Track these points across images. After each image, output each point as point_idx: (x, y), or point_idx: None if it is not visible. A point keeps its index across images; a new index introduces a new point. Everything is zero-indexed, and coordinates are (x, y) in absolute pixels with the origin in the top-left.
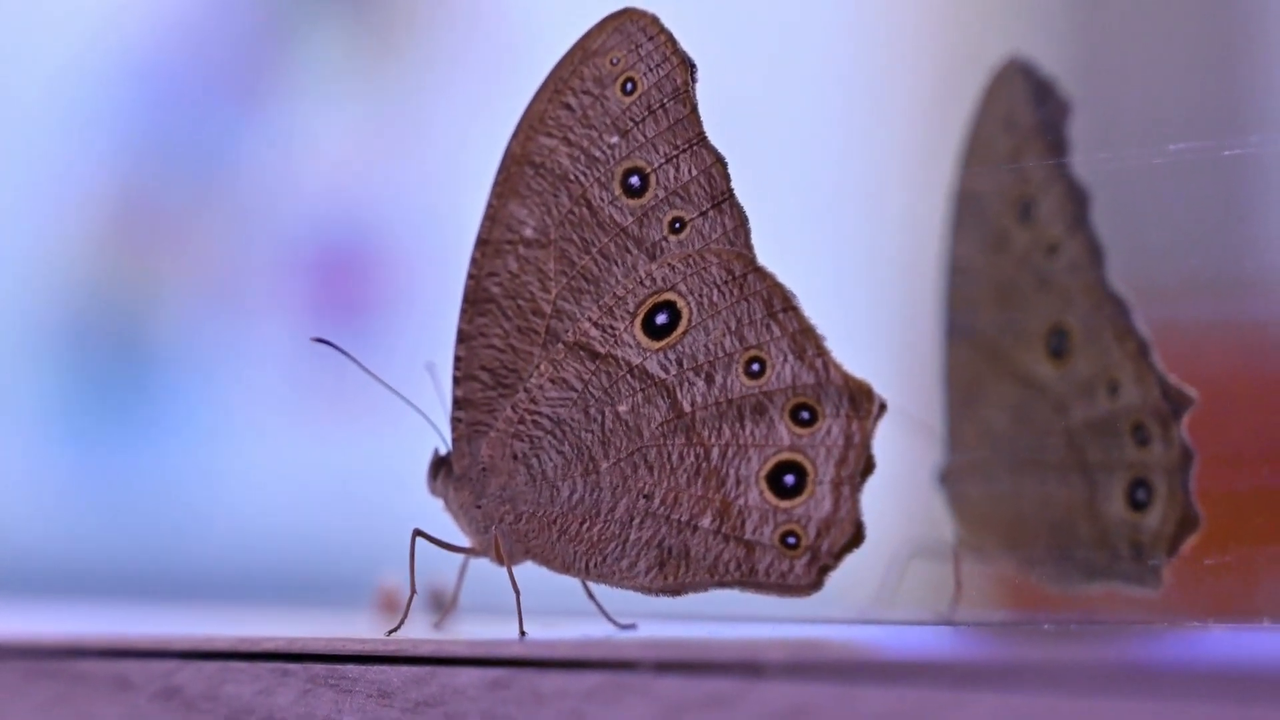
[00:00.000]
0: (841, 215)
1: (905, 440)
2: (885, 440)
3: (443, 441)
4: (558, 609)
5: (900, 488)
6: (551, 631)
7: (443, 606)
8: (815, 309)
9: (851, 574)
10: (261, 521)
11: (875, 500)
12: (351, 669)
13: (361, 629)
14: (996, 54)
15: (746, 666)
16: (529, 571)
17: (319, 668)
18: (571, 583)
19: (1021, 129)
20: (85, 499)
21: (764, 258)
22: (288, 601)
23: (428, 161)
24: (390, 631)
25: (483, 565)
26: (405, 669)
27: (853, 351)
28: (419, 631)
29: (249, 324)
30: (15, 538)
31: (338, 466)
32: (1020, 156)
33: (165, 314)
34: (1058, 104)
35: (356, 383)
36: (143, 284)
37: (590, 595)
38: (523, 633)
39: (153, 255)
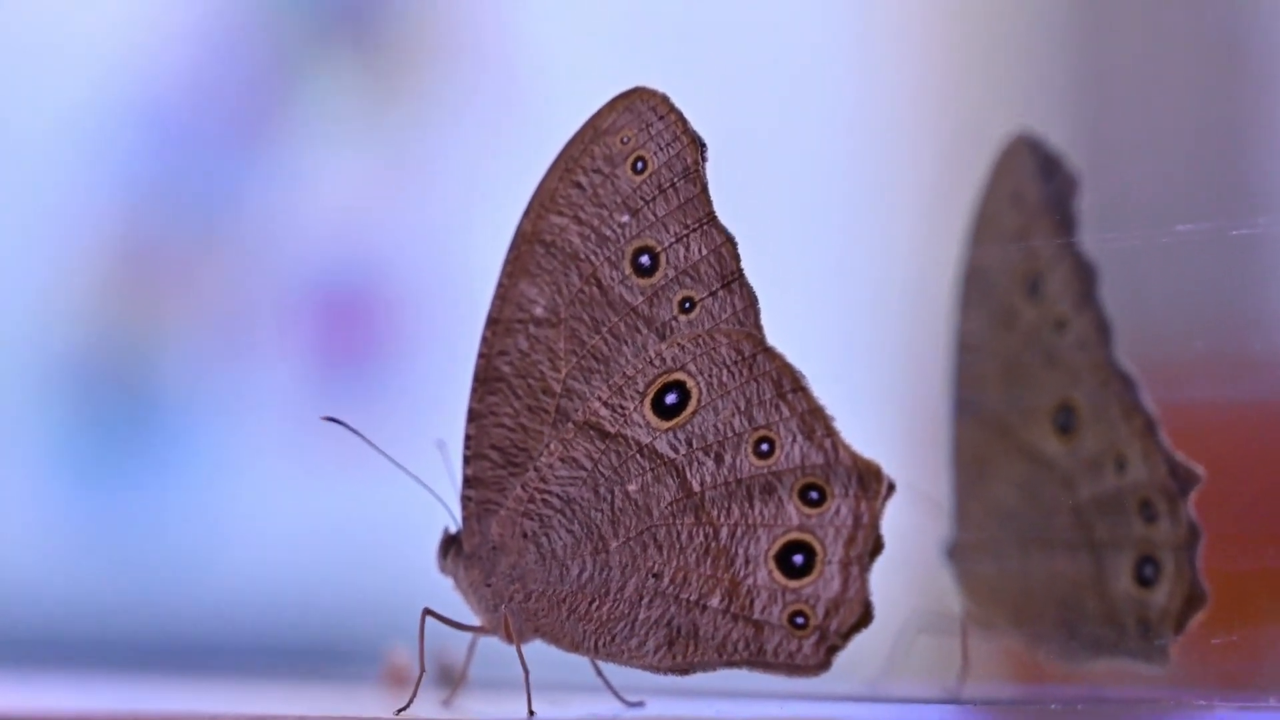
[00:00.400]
0: (849, 292)
1: (914, 515)
2: (894, 515)
3: (453, 520)
4: (567, 684)
5: (908, 562)
6: (560, 710)
7: (452, 681)
8: (823, 387)
9: (859, 648)
10: (263, 575)
11: (883, 574)
12: None
13: (369, 705)
14: (1003, 129)
15: None
16: (539, 644)
17: None
18: (581, 659)
19: (1029, 205)
20: (86, 543)
21: (773, 337)
22: (289, 666)
23: (434, 204)
24: (400, 710)
25: (492, 640)
26: None
27: (861, 428)
28: (428, 709)
29: (255, 367)
30: (16, 577)
31: (344, 521)
32: (1028, 232)
33: (170, 357)
34: (1065, 179)
35: (363, 444)
36: (148, 327)
37: (599, 673)
38: (531, 711)
39: (158, 298)
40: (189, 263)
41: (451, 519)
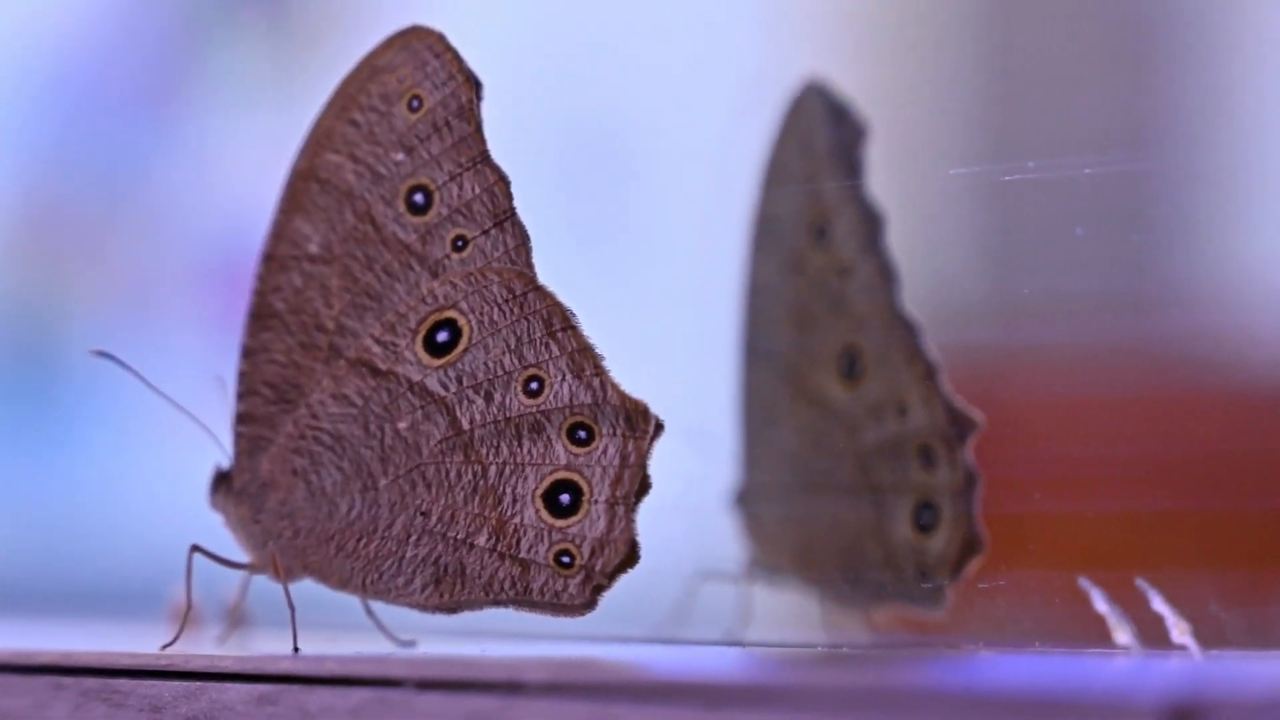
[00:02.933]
0: (638, 236)
1: (702, 461)
2: (681, 460)
3: (225, 456)
4: (345, 623)
5: (698, 509)
6: (329, 647)
7: (245, 625)
8: (611, 329)
9: (649, 594)
10: (156, 535)
11: (672, 521)
12: (124, 683)
13: (146, 643)
14: (797, 76)
15: (508, 685)
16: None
17: (91, 682)
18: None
19: (817, 152)
20: None
21: (558, 276)
22: (104, 613)
23: None
24: (164, 646)
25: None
26: (176, 684)
27: (652, 372)
28: (200, 646)
29: (160, 334)
30: None
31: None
32: (816, 179)
33: (75, 323)
34: (853, 127)
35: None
36: (52, 293)
37: (369, 612)
38: (296, 649)
39: (62, 264)
40: (94, 228)
41: (224, 455)
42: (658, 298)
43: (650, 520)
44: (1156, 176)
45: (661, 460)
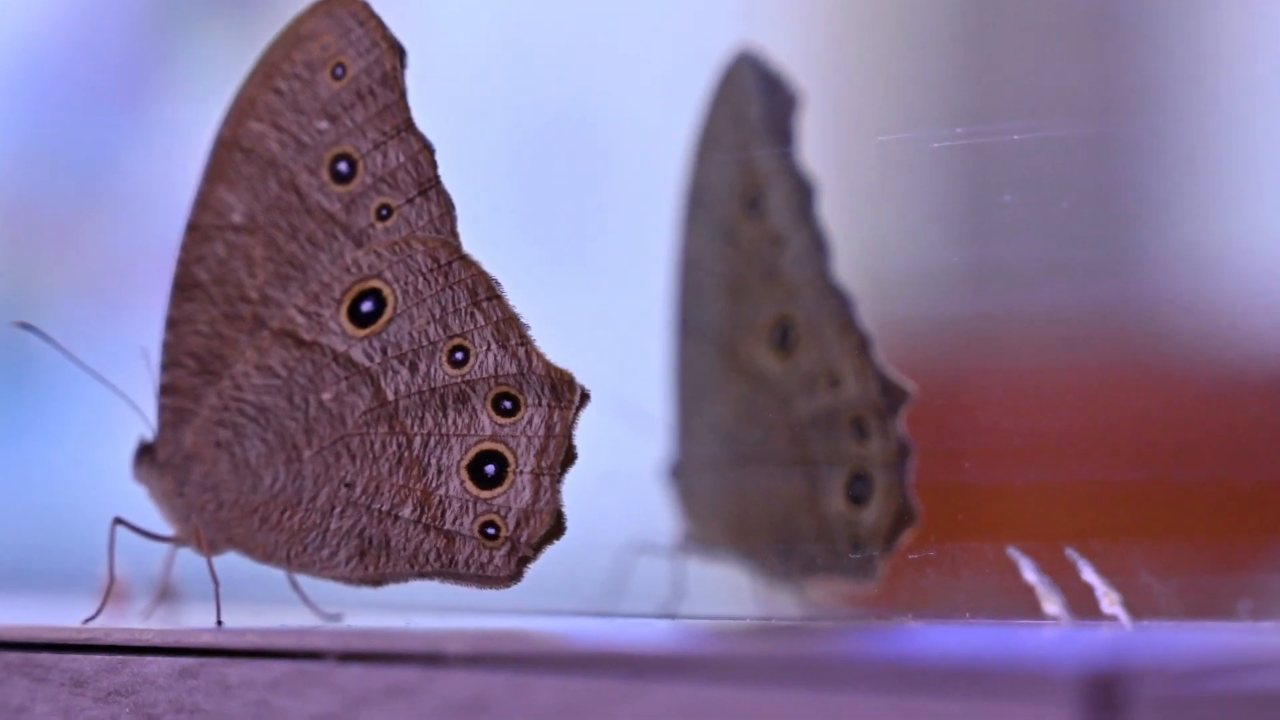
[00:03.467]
0: (569, 209)
1: (636, 434)
2: (616, 433)
3: (149, 428)
4: (271, 597)
5: (632, 481)
6: (255, 621)
7: (173, 598)
8: (545, 301)
9: (583, 567)
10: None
11: (606, 493)
12: (46, 657)
13: (68, 617)
14: (728, 46)
15: (428, 657)
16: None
17: (13, 655)
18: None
19: (749, 122)
20: None
21: (490, 248)
22: (30, 588)
23: None
24: (87, 620)
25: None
26: (98, 657)
27: (586, 344)
28: (125, 620)
29: (129, 324)
30: None
31: None
32: (748, 150)
33: (45, 314)
34: (785, 97)
35: None
36: (22, 284)
37: (295, 586)
38: (219, 622)
39: (33, 255)
40: (64, 219)
41: (148, 427)
42: (592, 269)
43: (584, 493)
44: (1103, 143)
45: (595, 432)
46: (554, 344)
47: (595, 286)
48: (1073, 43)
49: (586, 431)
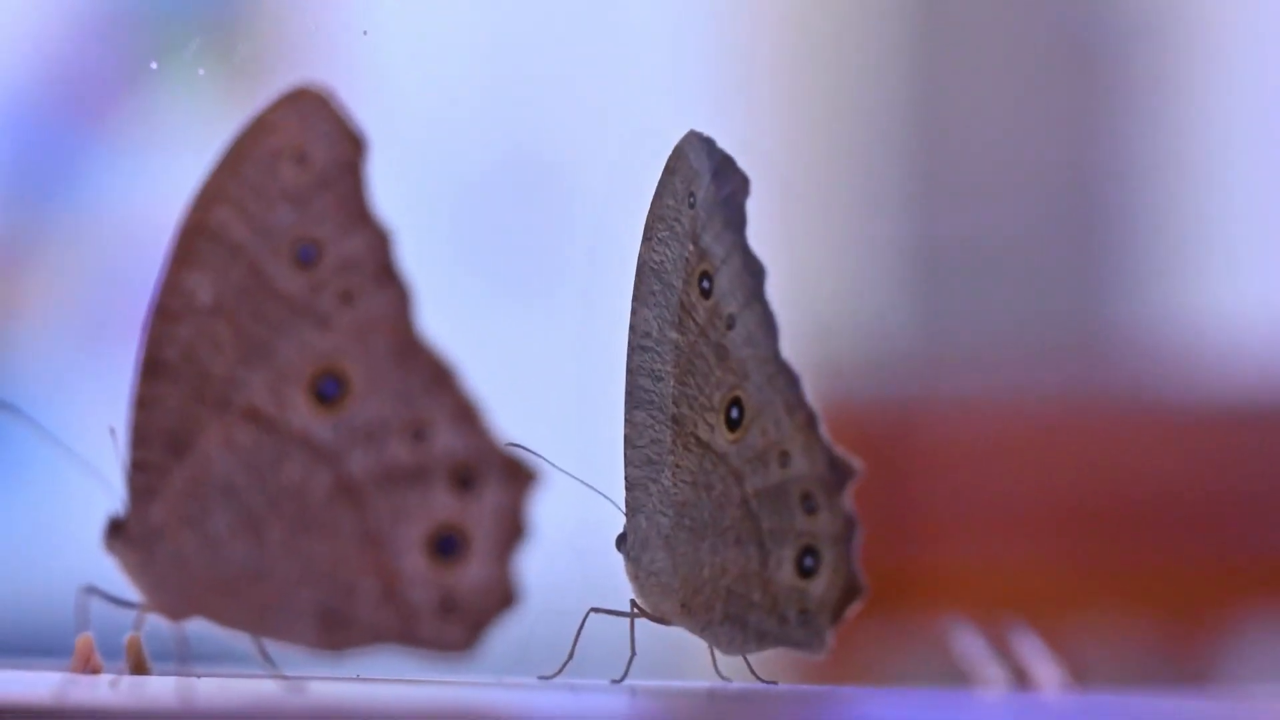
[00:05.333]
0: (523, 283)
1: (589, 504)
2: (571, 507)
3: (120, 503)
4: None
5: (583, 553)
6: (219, 688)
7: (143, 666)
8: (496, 380)
9: (540, 636)
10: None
11: (558, 565)
12: None
13: (40, 685)
14: (680, 129)
15: None
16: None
17: None
18: None
19: (701, 203)
20: None
21: (449, 321)
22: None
23: None
24: (57, 688)
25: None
26: None
27: (540, 420)
28: (95, 688)
29: (107, 356)
30: None
31: None
32: (698, 229)
33: (17, 346)
34: (737, 179)
35: None
36: None
37: (261, 651)
38: (187, 691)
39: (5, 286)
40: (37, 251)
41: (118, 502)
42: (561, 329)
43: (544, 561)
44: (1054, 219)
45: (556, 499)
46: (516, 408)
47: (563, 348)
48: (1034, 122)
49: (549, 498)
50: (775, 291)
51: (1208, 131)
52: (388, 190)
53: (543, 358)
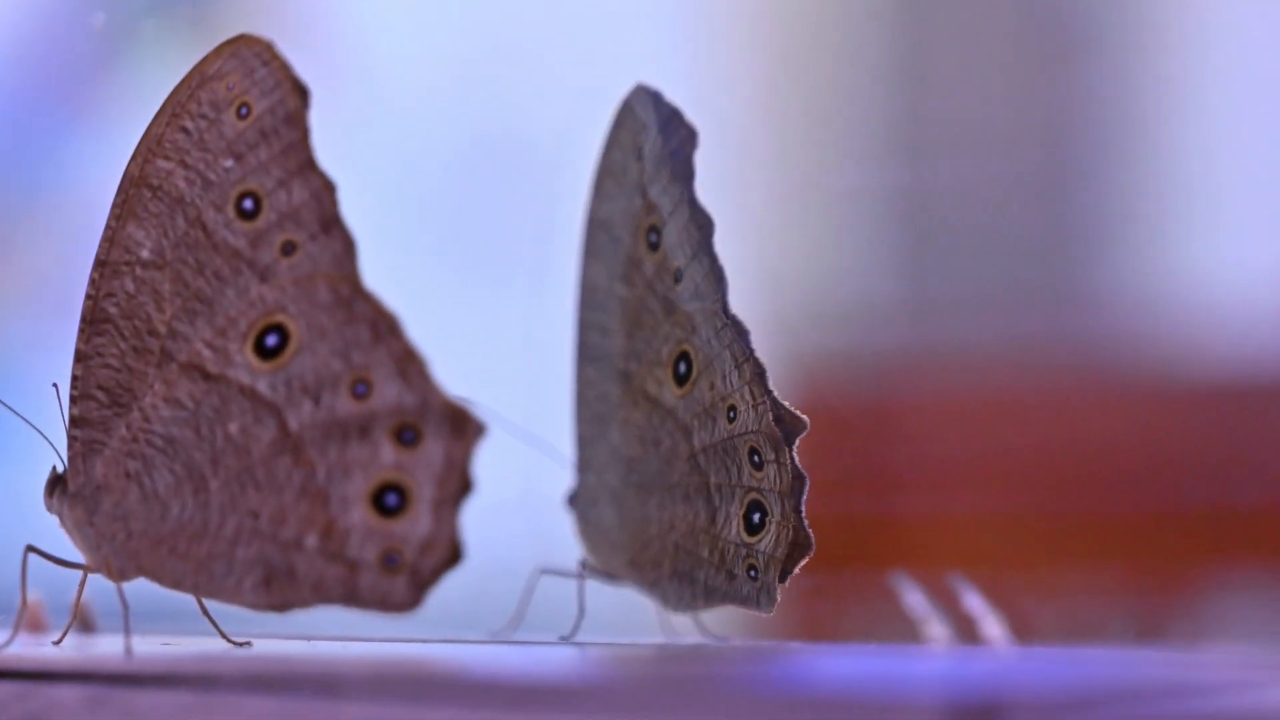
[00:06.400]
0: (483, 228)
1: (537, 462)
2: (521, 462)
3: (60, 460)
4: (185, 629)
5: (533, 510)
6: (163, 648)
7: (89, 624)
8: (439, 330)
9: (488, 593)
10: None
11: (509, 523)
12: None
13: None
14: (627, 81)
15: (329, 685)
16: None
17: None
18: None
19: (646, 155)
20: None
21: (403, 270)
22: None
23: None
24: (1, 647)
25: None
26: (10, 685)
27: (486, 377)
28: (40, 648)
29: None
30: None
31: None
32: (646, 184)
33: None
34: (685, 132)
35: None
36: None
37: (204, 611)
38: (129, 649)
39: None
40: (11, 233)
41: (59, 458)
42: (508, 291)
43: (490, 519)
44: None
45: (502, 457)
46: (468, 367)
47: (510, 309)
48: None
49: (495, 456)
50: (735, 247)
51: (1188, 95)
52: (348, 157)
53: (494, 319)
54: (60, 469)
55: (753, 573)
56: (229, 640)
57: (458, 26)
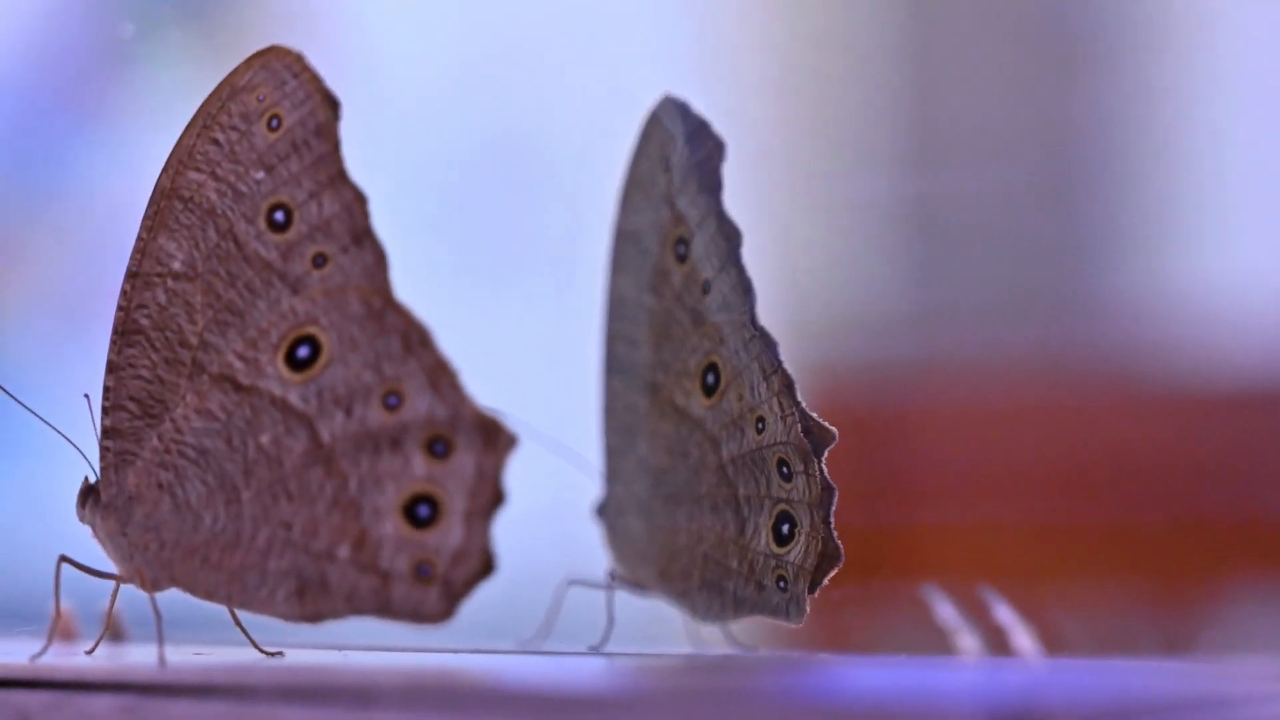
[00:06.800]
0: (514, 240)
1: (567, 473)
2: (547, 473)
3: (93, 471)
4: (217, 639)
5: (563, 521)
6: (196, 658)
7: (120, 634)
8: (470, 343)
9: (518, 603)
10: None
11: (538, 533)
12: None
13: (18, 654)
14: (646, 91)
15: (362, 696)
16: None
17: None
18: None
19: (674, 167)
20: None
21: (419, 290)
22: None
23: None
24: (34, 657)
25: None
26: (44, 694)
27: (515, 388)
28: (73, 657)
29: (92, 344)
30: None
31: None
32: (673, 194)
33: (4, 333)
34: (712, 143)
35: None
36: None
37: (237, 622)
38: (163, 659)
39: None
40: (23, 238)
41: (91, 469)
42: (539, 302)
43: (520, 530)
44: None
45: (533, 468)
46: (494, 378)
47: (538, 320)
48: (1024, 87)
49: (524, 467)
50: (756, 257)
51: (1199, 103)
52: (371, 163)
53: (521, 329)
54: (93, 479)
55: (782, 584)
56: (261, 650)
57: (479, 33)
